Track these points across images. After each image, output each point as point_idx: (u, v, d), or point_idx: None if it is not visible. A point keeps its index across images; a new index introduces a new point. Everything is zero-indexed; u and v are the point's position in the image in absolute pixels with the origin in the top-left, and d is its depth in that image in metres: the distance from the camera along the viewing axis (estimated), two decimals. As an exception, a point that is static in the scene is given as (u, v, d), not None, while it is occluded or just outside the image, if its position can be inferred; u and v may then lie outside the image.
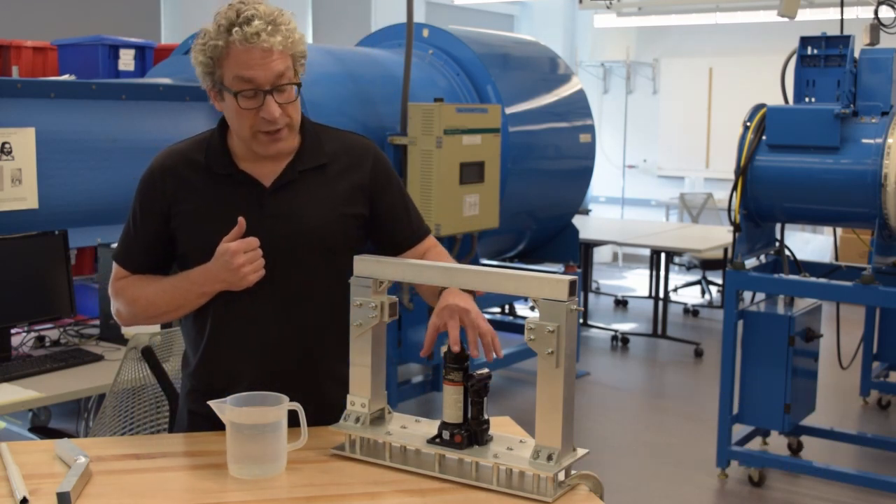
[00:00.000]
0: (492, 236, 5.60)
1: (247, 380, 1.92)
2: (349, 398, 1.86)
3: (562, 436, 1.67)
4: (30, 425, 4.31)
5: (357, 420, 1.84)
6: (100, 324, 3.62)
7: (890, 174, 4.00)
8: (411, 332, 4.98)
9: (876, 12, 4.42)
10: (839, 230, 5.93)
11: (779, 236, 4.69)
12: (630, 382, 6.44)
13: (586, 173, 6.43)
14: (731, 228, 4.38)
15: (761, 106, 4.41)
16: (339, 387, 1.91)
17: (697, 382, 6.34)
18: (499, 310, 7.33)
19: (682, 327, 7.76)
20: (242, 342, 1.96)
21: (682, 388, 6.31)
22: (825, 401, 5.13)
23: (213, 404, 1.74)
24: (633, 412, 5.80)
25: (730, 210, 4.34)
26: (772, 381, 4.35)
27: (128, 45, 5.19)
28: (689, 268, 8.89)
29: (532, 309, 1.68)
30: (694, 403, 5.79)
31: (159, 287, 1.98)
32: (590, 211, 9.55)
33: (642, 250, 9.03)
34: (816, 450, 4.85)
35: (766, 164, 4.33)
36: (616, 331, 7.31)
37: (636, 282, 9.52)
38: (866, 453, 4.87)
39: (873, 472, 4.46)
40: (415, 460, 1.78)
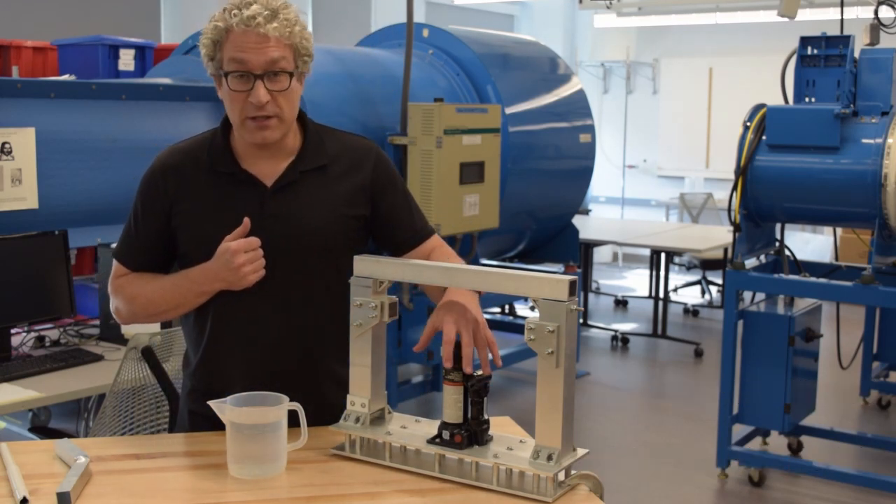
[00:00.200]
0: (492, 236, 5.60)
1: (247, 380, 1.92)
2: (349, 398, 1.86)
3: (562, 436, 1.67)
4: (30, 425, 4.31)
5: (357, 420, 1.84)
6: (100, 324, 3.63)
7: (890, 174, 4.00)
8: (411, 332, 4.98)
9: (876, 12, 4.42)
10: (839, 230, 5.93)
11: (779, 236, 4.69)
12: (630, 382, 6.44)
13: (586, 173, 6.43)
14: (731, 228, 4.38)
15: (761, 106, 4.41)
16: (339, 387, 1.91)
17: (697, 382, 6.34)
18: (499, 310, 7.33)
19: (682, 327, 7.76)
20: (242, 342, 1.97)
21: (682, 388, 6.31)
22: (825, 401, 5.13)
23: (213, 404, 1.74)
24: (633, 412, 5.79)
25: (730, 210, 4.34)
26: (772, 381, 4.35)
27: (128, 45, 5.19)
28: (689, 268, 8.89)
29: (532, 309, 1.67)
30: (694, 403, 5.79)
31: (158, 285, 1.98)
32: (590, 211, 9.55)
33: (642, 250, 9.03)
34: (816, 450, 4.85)
35: (766, 164, 4.33)
36: (616, 331, 7.30)
37: (636, 282, 9.52)
38: (866, 453, 4.87)
39: (873, 472, 4.46)
40: (415, 460, 1.78)
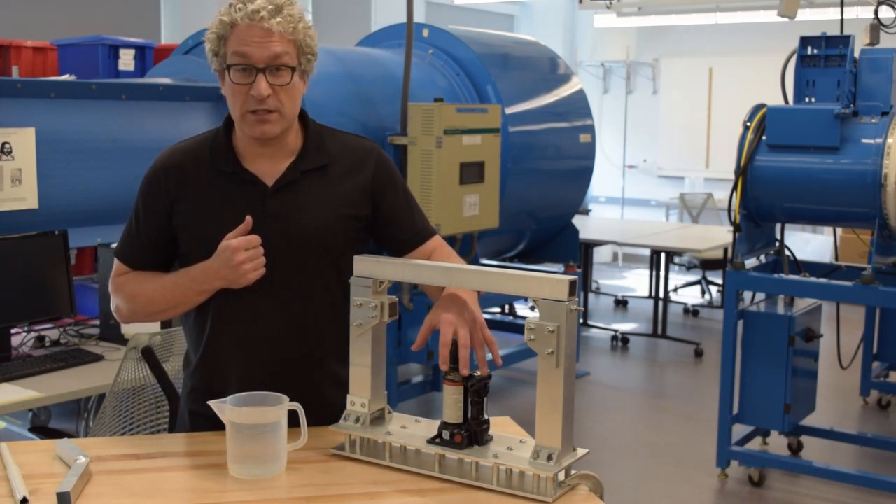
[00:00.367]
0: (492, 236, 5.60)
1: (247, 379, 1.92)
2: (349, 398, 1.86)
3: (562, 436, 1.67)
4: (30, 425, 4.31)
5: (357, 420, 1.84)
6: (100, 324, 3.63)
7: (890, 174, 4.00)
8: (411, 332, 4.98)
9: (876, 12, 4.42)
10: (839, 230, 5.93)
11: (779, 236, 4.69)
12: (630, 382, 6.43)
13: (586, 173, 6.43)
14: (731, 228, 4.38)
15: (761, 106, 4.41)
16: (339, 387, 1.91)
17: (697, 382, 6.34)
18: (499, 310, 7.33)
19: (682, 327, 7.76)
20: (242, 342, 1.97)
21: (682, 388, 6.31)
22: (825, 401, 5.13)
23: (213, 404, 1.74)
24: (633, 412, 5.79)
25: (730, 210, 4.34)
26: (772, 381, 4.35)
27: (128, 45, 5.19)
28: (689, 268, 8.89)
29: (532, 309, 1.67)
30: (694, 403, 5.79)
31: (159, 284, 1.98)
32: (590, 211, 9.55)
33: (642, 250, 9.03)
34: (816, 450, 4.85)
35: (766, 164, 4.33)
36: (616, 331, 7.30)
37: (636, 282, 9.52)
38: (866, 453, 4.87)
39: (873, 472, 4.46)
40: (415, 460, 1.78)
